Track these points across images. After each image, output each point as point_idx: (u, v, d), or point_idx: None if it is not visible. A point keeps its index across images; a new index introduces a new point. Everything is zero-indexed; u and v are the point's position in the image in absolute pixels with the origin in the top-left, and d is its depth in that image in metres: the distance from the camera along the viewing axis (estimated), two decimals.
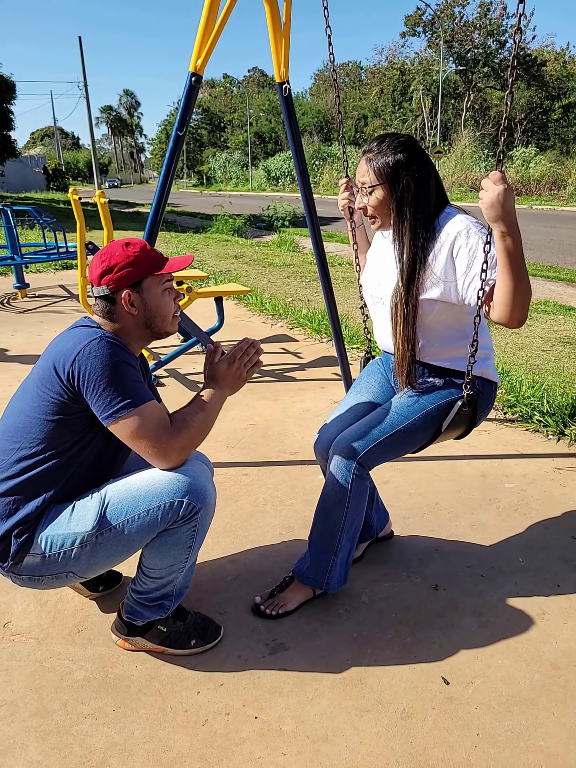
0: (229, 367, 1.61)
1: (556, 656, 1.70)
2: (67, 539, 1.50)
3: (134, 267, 1.53)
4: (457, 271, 1.64)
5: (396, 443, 1.78)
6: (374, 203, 1.71)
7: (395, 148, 1.66)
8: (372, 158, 1.68)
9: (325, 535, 1.83)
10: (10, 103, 28.51)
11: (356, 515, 1.82)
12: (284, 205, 16.13)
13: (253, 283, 7.08)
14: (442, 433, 1.80)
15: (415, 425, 1.78)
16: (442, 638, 1.77)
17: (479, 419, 1.85)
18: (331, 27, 2.19)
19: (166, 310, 1.61)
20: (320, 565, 1.83)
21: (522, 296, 1.52)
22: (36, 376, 1.52)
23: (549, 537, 2.25)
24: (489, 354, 1.87)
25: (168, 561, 1.57)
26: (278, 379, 3.99)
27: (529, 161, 29.12)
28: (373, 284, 1.89)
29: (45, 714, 1.53)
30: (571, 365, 4.16)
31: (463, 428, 1.84)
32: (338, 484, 1.78)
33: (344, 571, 1.86)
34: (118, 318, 1.57)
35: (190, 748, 1.44)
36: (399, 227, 1.70)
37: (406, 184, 1.65)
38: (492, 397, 1.88)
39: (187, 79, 2.29)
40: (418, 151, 1.68)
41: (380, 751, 1.43)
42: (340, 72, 51.51)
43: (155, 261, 1.57)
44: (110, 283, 1.53)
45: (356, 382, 2.08)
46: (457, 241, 1.63)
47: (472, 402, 1.77)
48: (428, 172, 1.68)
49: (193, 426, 1.51)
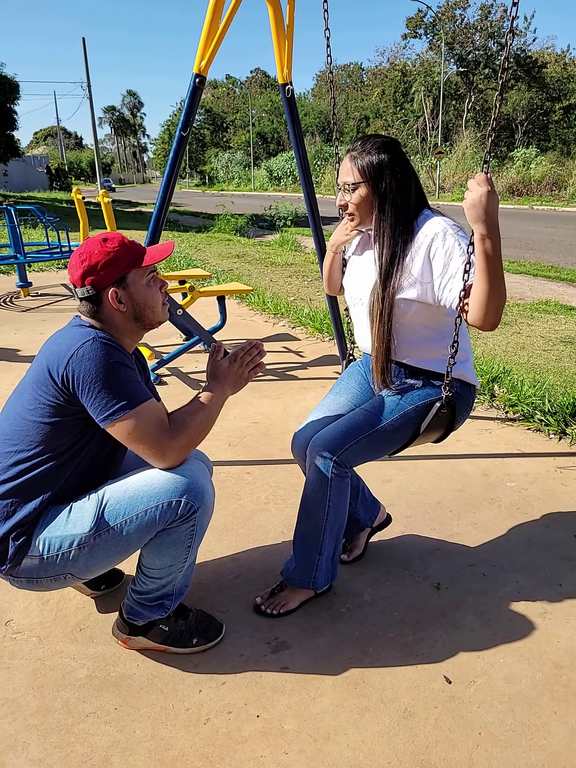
0: (231, 365, 1.60)
1: (558, 655, 1.70)
2: (65, 541, 1.49)
3: (116, 263, 1.49)
4: (434, 272, 1.65)
5: (373, 443, 1.77)
6: (356, 200, 1.72)
7: (379, 148, 1.67)
8: (356, 156, 1.69)
9: (308, 535, 1.82)
10: (14, 103, 28.53)
11: (338, 513, 1.81)
12: (286, 205, 16.16)
13: (255, 283, 7.08)
14: (420, 435, 1.79)
15: (393, 425, 1.77)
16: (444, 637, 1.77)
17: (458, 422, 1.84)
18: (330, 29, 2.20)
19: (154, 302, 1.57)
20: (305, 565, 1.83)
21: (497, 301, 1.52)
22: (31, 378, 1.51)
23: (551, 536, 2.25)
24: (468, 356, 1.86)
25: (167, 561, 1.57)
26: (280, 378, 3.99)
27: (530, 162, 29.11)
28: (353, 285, 1.90)
29: (46, 712, 1.53)
30: (572, 365, 4.16)
31: (442, 431, 1.83)
32: (317, 484, 1.77)
33: (331, 568, 1.85)
34: (107, 317, 1.54)
35: (192, 746, 1.44)
36: (379, 225, 1.70)
37: (388, 183, 1.67)
38: (471, 400, 1.87)
39: (191, 80, 2.30)
40: (400, 152, 1.71)
41: (382, 750, 1.43)
42: (342, 73, 51.51)
43: (136, 254, 1.54)
44: (93, 283, 1.49)
45: (336, 383, 2.07)
46: (434, 243, 1.64)
47: (451, 404, 1.76)
48: (409, 174, 1.70)
49: (192, 426, 1.50)
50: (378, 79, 46.22)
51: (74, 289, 1.54)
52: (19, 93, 28.41)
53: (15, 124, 29.51)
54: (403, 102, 41.90)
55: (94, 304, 1.53)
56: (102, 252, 1.49)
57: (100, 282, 1.49)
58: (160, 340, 4.80)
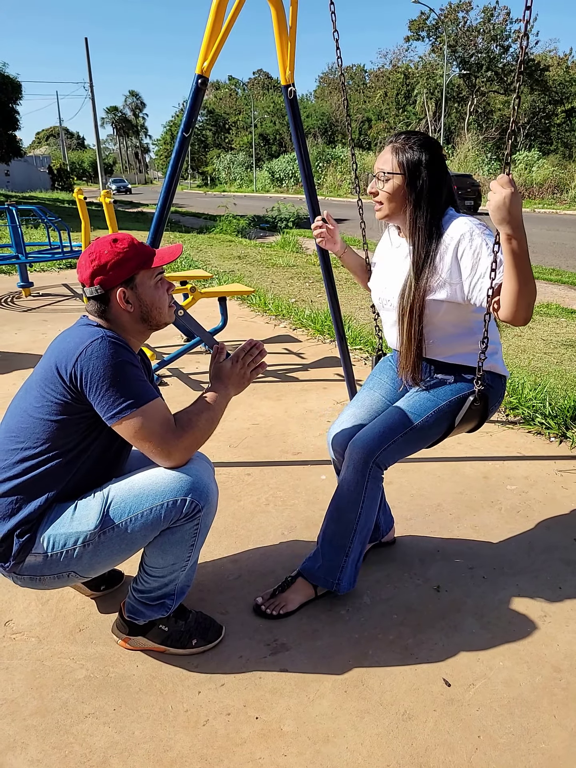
0: (234, 366, 1.62)
1: (557, 659, 1.70)
2: (70, 538, 1.49)
3: (125, 263, 1.51)
4: (462, 273, 1.67)
5: (410, 441, 1.81)
6: (388, 189, 1.74)
7: (422, 146, 1.70)
8: (399, 148, 1.72)
9: (338, 534, 1.83)
10: (16, 103, 28.56)
11: (369, 517, 1.84)
12: (288, 206, 16.16)
13: (256, 284, 7.08)
14: (455, 428, 1.83)
15: (428, 422, 1.80)
16: (444, 640, 1.76)
17: (491, 412, 1.88)
18: (338, 31, 2.20)
19: (161, 303, 1.59)
20: (332, 565, 1.84)
21: (527, 297, 1.53)
22: (38, 376, 1.52)
23: (551, 539, 2.25)
24: (497, 348, 1.89)
25: (170, 559, 1.57)
26: (281, 380, 3.99)
27: (532, 165, 29.14)
28: (380, 288, 1.92)
29: (45, 713, 1.53)
30: (573, 368, 4.15)
31: (476, 422, 1.87)
32: (353, 485, 1.80)
33: (354, 574, 1.87)
34: (114, 316, 1.55)
35: (191, 748, 1.44)
36: (415, 222, 1.73)
37: (425, 181, 1.69)
38: (502, 391, 1.90)
39: (194, 81, 2.30)
40: (441, 154, 1.73)
41: (381, 753, 1.43)
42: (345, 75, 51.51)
43: (145, 255, 1.55)
44: (102, 282, 1.51)
45: (369, 378, 2.10)
46: (461, 244, 1.66)
47: (484, 396, 1.79)
48: (446, 177, 1.74)
49: (198, 426, 1.51)
50: (380, 81, 46.33)
51: (83, 288, 1.55)
52: (22, 93, 28.43)
53: (17, 124, 29.52)
54: (405, 104, 41.96)
55: (102, 304, 1.54)
56: (112, 252, 1.50)
57: (109, 282, 1.51)
58: (161, 340, 4.80)
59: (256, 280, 7.41)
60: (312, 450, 2.94)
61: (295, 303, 6.08)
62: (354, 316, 5.49)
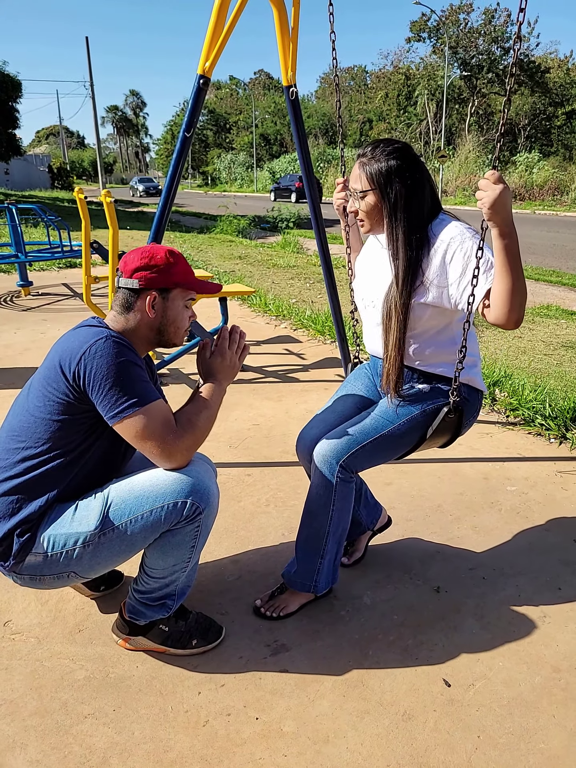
0: (223, 359, 1.63)
1: (557, 659, 1.70)
2: (70, 539, 1.49)
3: (170, 275, 1.55)
4: (450, 276, 1.64)
5: (380, 448, 1.76)
6: (365, 208, 1.71)
7: (389, 154, 1.65)
8: (365, 163, 1.68)
9: (310, 539, 1.82)
10: (16, 101, 28.52)
11: (342, 518, 1.81)
12: (289, 207, 16.16)
13: (257, 284, 7.08)
14: (427, 440, 1.78)
15: (399, 430, 1.76)
16: (444, 640, 1.77)
17: (464, 427, 1.83)
18: (335, 33, 2.20)
19: (181, 324, 1.63)
20: (307, 569, 1.83)
21: (520, 296, 1.52)
22: (42, 375, 1.52)
23: (550, 540, 2.25)
24: (476, 362, 1.85)
25: (171, 561, 1.57)
26: (282, 380, 3.99)
27: (532, 167, 29.15)
28: (364, 288, 1.88)
29: (45, 713, 1.53)
30: (573, 369, 4.16)
31: (448, 436, 1.82)
32: (322, 488, 1.76)
33: (332, 572, 1.85)
34: (134, 316, 1.56)
35: (191, 748, 1.44)
36: (392, 232, 1.69)
37: (398, 190, 1.64)
38: (478, 406, 1.86)
39: (195, 81, 2.30)
40: (412, 157, 1.67)
41: (381, 753, 1.43)
42: (346, 76, 51.63)
43: (189, 277, 1.61)
44: (143, 279, 1.54)
45: (342, 385, 2.06)
46: (450, 247, 1.63)
47: (458, 409, 1.75)
48: (422, 179, 1.68)
49: (198, 425, 1.52)
50: (381, 82, 46.32)
51: (118, 279, 1.58)
52: (22, 91, 28.40)
53: (17, 123, 29.47)
54: (406, 105, 41.96)
55: (131, 299, 1.56)
56: (164, 259, 1.55)
57: (149, 281, 1.54)
58: None
59: (257, 281, 7.41)
60: None
61: (295, 303, 6.08)
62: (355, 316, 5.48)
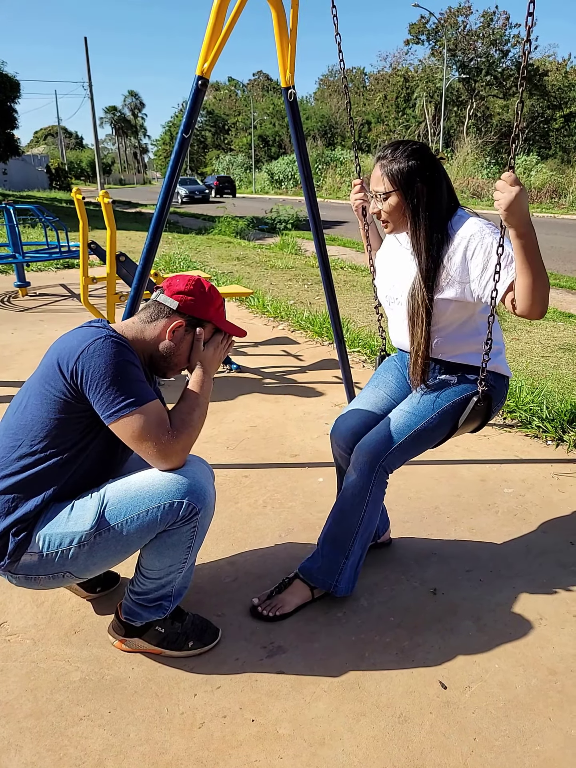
0: (215, 351, 1.66)
1: (553, 661, 1.70)
2: (65, 538, 1.49)
3: (206, 309, 1.61)
4: (472, 272, 1.69)
5: (415, 443, 1.82)
6: (388, 209, 1.75)
7: (409, 155, 1.70)
8: (386, 165, 1.72)
9: (339, 536, 1.84)
10: (14, 101, 28.49)
11: (371, 521, 1.85)
12: (287, 208, 16.16)
13: (255, 286, 7.08)
14: (459, 429, 1.84)
15: (432, 424, 1.81)
16: (440, 642, 1.76)
17: (493, 413, 1.89)
18: (341, 35, 2.21)
19: (183, 362, 1.65)
20: (331, 566, 1.84)
21: (541, 290, 1.56)
22: (40, 373, 1.52)
23: (547, 542, 2.25)
24: (501, 349, 1.91)
25: (167, 562, 1.56)
26: (279, 382, 3.99)
27: (530, 169, 29.21)
28: (387, 285, 1.93)
29: (40, 715, 1.52)
30: (571, 372, 4.17)
31: (479, 422, 1.88)
32: (359, 488, 1.81)
33: (353, 577, 1.87)
34: (154, 330, 1.59)
35: (187, 750, 1.44)
36: (415, 231, 1.74)
37: (419, 189, 1.70)
38: (505, 391, 1.92)
39: (194, 82, 2.29)
40: (430, 157, 1.73)
41: (377, 755, 1.43)
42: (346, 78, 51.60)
43: (221, 316, 1.66)
44: (182, 302, 1.58)
45: (373, 376, 2.11)
46: (471, 244, 1.68)
47: (487, 397, 1.81)
48: (440, 177, 1.73)
49: (192, 424, 1.52)
50: (380, 84, 46.39)
51: (157, 292, 1.62)
52: (20, 91, 28.39)
53: (15, 123, 29.45)
54: (405, 107, 42.04)
55: (159, 316, 1.59)
56: (209, 295, 1.62)
57: (185, 307, 1.59)
58: None
59: (255, 282, 7.41)
60: (310, 452, 2.94)
61: (293, 305, 6.08)
62: (353, 318, 5.49)
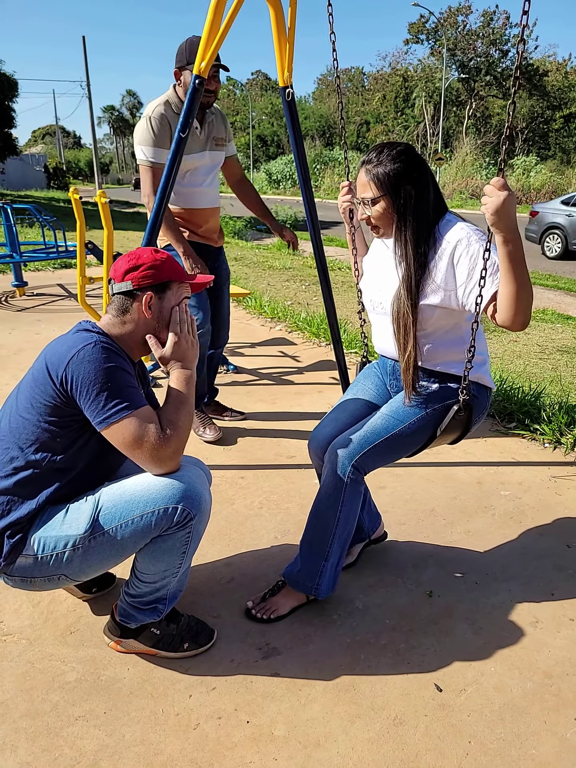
0: (182, 343, 1.58)
1: (548, 665, 1.70)
2: (60, 541, 1.49)
3: (159, 270, 1.55)
4: (458, 278, 1.66)
5: (391, 447, 1.79)
6: (377, 215, 1.73)
7: (394, 157, 1.67)
8: (371, 169, 1.69)
9: (317, 539, 1.83)
10: (12, 100, 28.43)
11: (348, 521, 1.82)
12: (285, 209, 16.18)
13: (252, 286, 7.08)
14: (437, 438, 1.81)
15: (410, 429, 1.78)
16: (436, 645, 1.77)
17: (474, 424, 1.85)
18: (335, 33, 2.20)
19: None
20: (310, 570, 1.83)
21: (524, 300, 1.53)
22: (31, 378, 1.52)
23: (544, 545, 2.25)
24: (485, 360, 1.88)
25: (161, 566, 1.56)
26: (276, 383, 3.99)
27: (529, 170, 29.25)
28: (373, 290, 1.90)
29: (35, 715, 1.52)
30: (568, 374, 4.17)
31: (458, 433, 1.84)
32: (332, 488, 1.79)
33: (334, 578, 1.86)
34: (132, 317, 1.56)
35: (181, 751, 1.44)
36: (401, 235, 1.71)
37: (407, 192, 1.67)
38: (487, 403, 1.89)
39: (191, 82, 2.29)
40: (417, 158, 1.70)
41: (372, 758, 1.43)
42: (344, 77, 51.68)
43: (179, 271, 1.60)
44: (135, 279, 1.54)
45: (353, 384, 2.09)
46: (457, 249, 1.65)
47: (468, 407, 1.77)
48: (427, 179, 1.70)
49: (180, 426, 1.50)
50: (379, 83, 46.42)
51: (111, 285, 1.58)
52: (18, 91, 28.33)
53: (13, 122, 29.37)
54: (404, 107, 42.06)
55: (127, 303, 1.56)
56: (150, 258, 1.56)
57: (140, 281, 1.54)
58: None
59: (252, 282, 7.41)
60: (306, 454, 2.93)
61: (291, 306, 6.08)
62: (350, 319, 5.49)
